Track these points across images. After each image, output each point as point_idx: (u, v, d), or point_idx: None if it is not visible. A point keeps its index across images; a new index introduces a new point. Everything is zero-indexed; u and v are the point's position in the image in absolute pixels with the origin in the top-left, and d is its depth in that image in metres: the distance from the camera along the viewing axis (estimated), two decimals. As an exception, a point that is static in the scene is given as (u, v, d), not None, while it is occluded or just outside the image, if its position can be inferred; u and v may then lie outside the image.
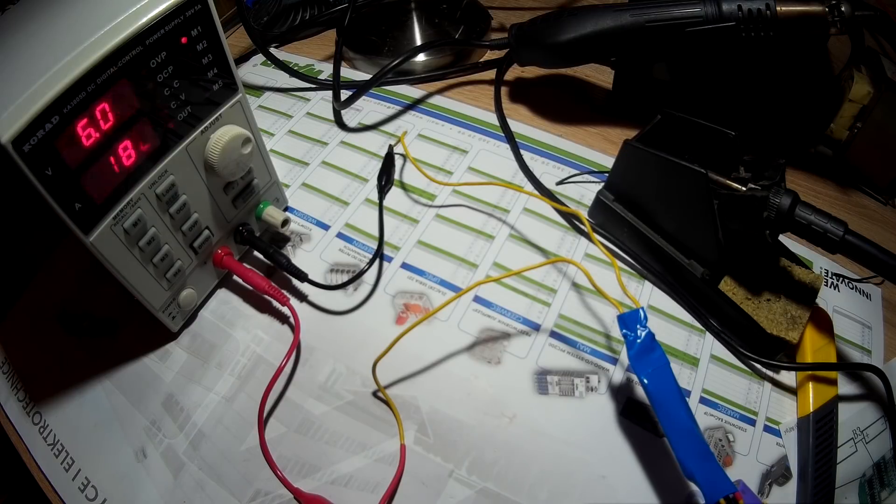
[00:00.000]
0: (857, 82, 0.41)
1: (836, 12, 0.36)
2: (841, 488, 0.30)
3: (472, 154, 0.46)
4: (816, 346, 0.34)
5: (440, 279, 0.38)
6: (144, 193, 0.29)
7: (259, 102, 0.51)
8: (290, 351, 0.34)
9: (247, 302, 0.38)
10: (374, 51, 0.53)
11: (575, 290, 0.38)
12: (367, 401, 0.34)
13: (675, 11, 0.38)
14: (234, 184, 0.35)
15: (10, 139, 0.22)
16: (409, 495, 0.31)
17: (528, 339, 0.36)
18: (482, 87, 0.52)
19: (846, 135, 0.43)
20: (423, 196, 0.43)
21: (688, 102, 0.38)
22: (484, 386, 0.34)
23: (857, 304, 0.38)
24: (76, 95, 0.24)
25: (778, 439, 0.32)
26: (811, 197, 0.41)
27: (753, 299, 0.35)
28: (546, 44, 0.43)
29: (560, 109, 0.49)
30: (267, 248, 0.37)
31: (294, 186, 0.44)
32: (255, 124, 0.35)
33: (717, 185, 0.32)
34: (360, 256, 0.40)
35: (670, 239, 0.36)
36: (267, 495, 0.31)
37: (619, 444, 0.32)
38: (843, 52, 0.45)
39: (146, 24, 0.26)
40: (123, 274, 0.30)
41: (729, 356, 0.35)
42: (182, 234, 0.33)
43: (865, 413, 0.33)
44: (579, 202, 0.43)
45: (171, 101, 0.29)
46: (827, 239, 0.30)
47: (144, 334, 0.36)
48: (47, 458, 0.33)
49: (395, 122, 0.49)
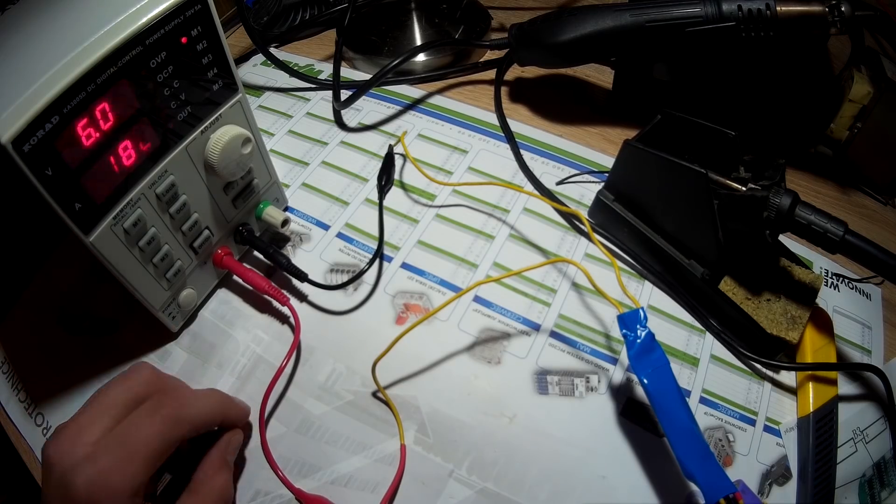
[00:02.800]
0: (857, 82, 0.41)
1: (836, 12, 0.36)
2: (841, 488, 0.30)
3: (472, 154, 0.46)
4: (816, 346, 0.34)
5: (440, 279, 0.38)
6: (144, 193, 0.29)
7: (259, 102, 0.51)
8: (291, 351, 0.34)
9: (247, 302, 0.38)
10: (374, 51, 0.53)
11: (575, 290, 0.38)
12: (367, 401, 0.34)
13: (675, 11, 0.38)
14: (234, 184, 0.35)
15: (10, 139, 0.22)
16: (409, 495, 0.31)
17: (528, 339, 0.36)
18: (482, 87, 0.52)
19: (846, 135, 0.43)
20: (423, 196, 0.43)
21: (688, 102, 0.38)
22: (484, 386, 0.34)
23: (857, 304, 0.38)
24: (76, 95, 0.24)
25: (778, 439, 0.32)
26: (811, 197, 0.41)
27: (753, 299, 0.35)
28: (546, 44, 0.43)
29: (560, 109, 0.49)
30: (267, 248, 0.37)
31: (294, 186, 0.44)
32: (255, 124, 0.35)
33: (717, 185, 0.32)
34: (360, 256, 0.40)
35: (670, 239, 0.36)
36: (267, 495, 0.31)
37: (619, 444, 0.32)
38: (843, 52, 0.45)
39: (146, 24, 0.26)
40: (123, 274, 0.30)
41: (729, 356, 0.35)
42: (182, 234, 0.33)
43: (865, 413, 0.33)
44: (579, 202, 0.43)
45: (171, 101, 0.29)
46: (827, 239, 0.30)
47: (145, 334, 0.36)
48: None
49: (395, 122, 0.49)
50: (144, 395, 0.27)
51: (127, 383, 0.27)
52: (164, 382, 0.29)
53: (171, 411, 0.26)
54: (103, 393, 0.27)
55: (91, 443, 0.24)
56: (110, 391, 0.27)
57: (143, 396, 0.27)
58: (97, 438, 0.25)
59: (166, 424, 0.26)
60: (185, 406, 0.27)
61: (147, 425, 0.25)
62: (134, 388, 0.27)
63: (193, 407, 0.28)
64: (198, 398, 0.29)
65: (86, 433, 0.25)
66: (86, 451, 0.24)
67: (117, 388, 0.27)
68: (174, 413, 0.26)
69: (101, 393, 0.27)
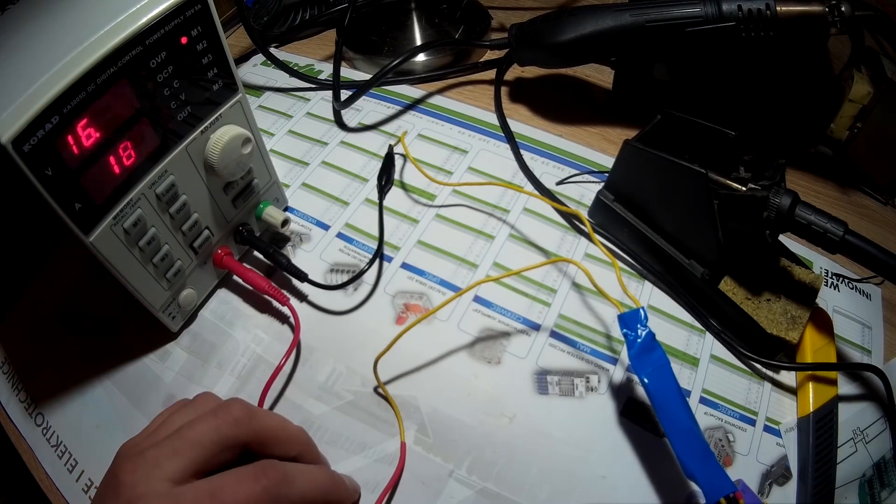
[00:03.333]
0: (857, 82, 0.41)
1: (836, 12, 0.36)
2: (841, 488, 0.30)
3: (472, 154, 0.46)
4: (816, 346, 0.34)
5: (440, 279, 0.38)
6: (144, 193, 0.29)
7: (259, 102, 0.51)
8: (290, 350, 0.34)
9: (247, 302, 0.38)
10: (374, 51, 0.53)
11: (575, 289, 0.38)
12: (367, 401, 0.34)
13: (675, 11, 0.38)
14: (234, 184, 0.35)
15: (10, 139, 0.22)
16: (410, 495, 0.31)
17: (529, 338, 0.36)
18: (482, 87, 0.52)
19: (846, 135, 0.43)
20: (423, 196, 0.43)
21: (688, 102, 0.38)
22: (484, 386, 0.34)
23: (857, 304, 0.38)
24: (76, 95, 0.24)
25: (778, 439, 0.32)
26: (811, 197, 0.41)
27: (753, 299, 0.35)
28: (546, 44, 0.43)
29: (560, 109, 0.49)
30: (267, 248, 0.37)
31: (294, 186, 0.44)
32: (255, 124, 0.35)
33: (717, 185, 0.32)
34: (360, 256, 0.40)
35: (670, 239, 0.36)
36: (267, 495, 0.31)
37: (619, 443, 0.32)
38: (843, 52, 0.45)
39: (146, 24, 0.26)
40: (123, 274, 0.30)
41: (729, 356, 0.35)
42: (182, 234, 0.33)
43: (865, 413, 0.33)
44: (579, 202, 0.43)
45: (171, 101, 0.29)
46: (827, 239, 0.30)
47: (145, 334, 0.36)
48: (51, 460, 0.33)
49: (395, 122, 0.49)
50: (234, 439, 0.24)
51: (216, 421, 0.24)
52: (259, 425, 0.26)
53: (274, 483, 0.23)
54: (189, 426, 0.24)
55: (170, 480, 0.22)
56: (197, 426, 0.24)
57: (234, 441, 0.24)
58: (179, 478, 0.22)
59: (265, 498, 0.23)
60: (290, 482, 0.24)
61: (244, 490, 0.23)
62: (223, 430, 0.24)
63: (300, 484, 0.25)
64: (306, 474, 0.26)
65: (166, 467, 0.22)
66: (164, 487, 0.22)
67: (205, 424, 0.24)
68: (276, 487, 0.23)
69: (188, 426, 0.24)
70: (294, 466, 0.26)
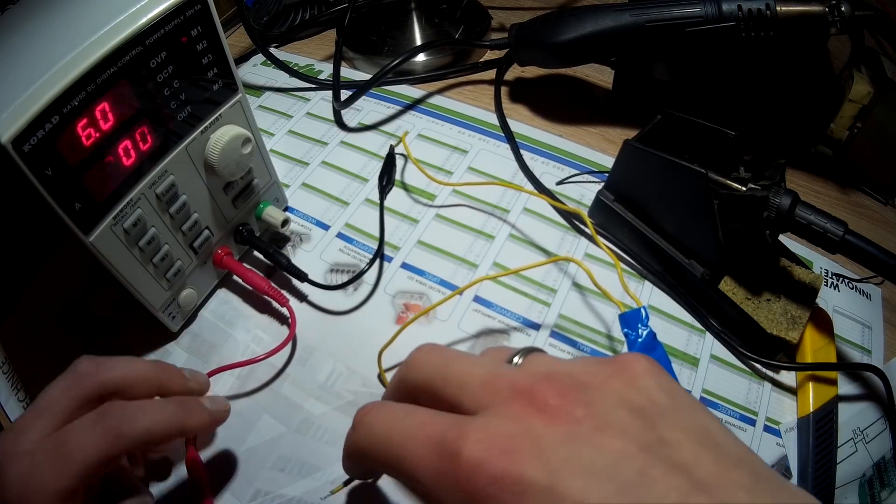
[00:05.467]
0: (857, 82, 0.41)
1: (836, 12, 0.36)
2: (841, 488, 0.30)
3: (472, 154, 0.46)
4: (816, 346, 0.34)
5: (440, 279, 0.38)
6: (144, 193, 0.29)
7: (259, 102, 0.51)
8: (283, 343, 0.34)
9: (247, 302, 0.38)
10: (374, 51, 0.53)
11: (575, 289, 0.38)
12: (368, 401, 0.34)
13: (675, 11, 0.38)
14: (234, 184, 0.35)
15: (10, 139, 0.22)
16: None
17: (529, 338, 0.36)
18: (482, 87, 0.52)
19: (846, 135, 0.43)
20: (423, 196, 0.43)
21: (688, 102, 0.38)
22: (484, 386, 0.34)
23: (857, 304, 0.38)
24: (76, 95, 0.24)
25: (778, 439, 0.32)
26: (811, 197, 0.41)
27: (753, 299, 0.35)
28: (546, 44, 0.43)
29: (560, 109, 0.49)
30: (267, 248, 0.37)
31: (294, 186, 0.44)
32: (255, 124, 0.35)
33: (717, 185, 0.32)
34: (360, 256, 0.40)
35: (670, 239, 0.36)
36: (267, 495, 0.31)
37: (619, 444, 0.32)
38: (843, 52, 0.45)
39: (146, 24, 0.26)
40: (123, 274, 0.30)
41: (729, 356, 0.35)
42: (182, 234, 0.33)
43: (865, 413, 0.33)
44: (579, 202, 0.43)
45: (171, 101, 0.29)
46: (827, 239, 0.30)
47: (145, 334, 0.36)
48: (47, 458, 0.33)
49: (395, 122, 0.49)
50: (85, 393, 0.26)
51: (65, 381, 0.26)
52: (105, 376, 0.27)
53: (113, 424, 0.24)
54: (44, 391, 0.26)
55: (32, 440, 0.24)
56: (50, 390, 0.26)
57: (84, 395, 0.26)
58: (38, 436, 0.24)
59: (106, 440, 0.24)
60: (131, 420, 0.25)
61: (87, 436, 0.24)
62: (72, 389, 0.26)
63: (141, 420, 0.25)
64: (149, 408, 0.26)
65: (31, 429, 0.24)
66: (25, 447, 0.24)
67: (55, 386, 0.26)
68: (116, 428, 0.24)
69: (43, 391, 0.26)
70: (137, 403, 0.26)
